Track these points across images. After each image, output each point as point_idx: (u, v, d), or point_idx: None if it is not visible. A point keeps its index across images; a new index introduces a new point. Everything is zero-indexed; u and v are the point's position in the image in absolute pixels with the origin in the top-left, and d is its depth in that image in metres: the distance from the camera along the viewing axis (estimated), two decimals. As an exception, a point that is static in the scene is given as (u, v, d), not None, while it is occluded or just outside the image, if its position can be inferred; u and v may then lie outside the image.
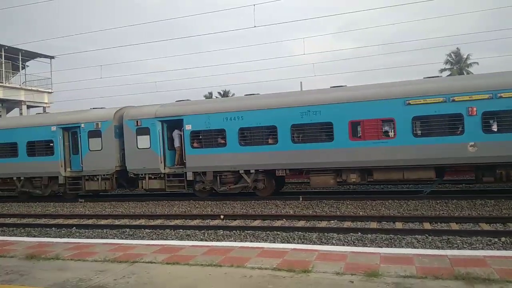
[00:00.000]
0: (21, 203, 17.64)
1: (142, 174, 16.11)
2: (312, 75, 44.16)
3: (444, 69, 51.61)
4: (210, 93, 57.74)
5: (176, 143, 16.15)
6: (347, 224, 10.55)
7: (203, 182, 15.47)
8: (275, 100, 14.47)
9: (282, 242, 8.89)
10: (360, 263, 5.62)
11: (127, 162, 16.13)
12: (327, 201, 13.58)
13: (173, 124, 16.09)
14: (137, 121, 15.99)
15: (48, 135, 17.20)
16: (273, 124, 14.11)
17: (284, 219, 11.44)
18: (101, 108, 18.08)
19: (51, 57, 35.09)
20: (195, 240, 9.42)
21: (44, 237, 10.52)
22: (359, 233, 9.29)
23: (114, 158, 16.28)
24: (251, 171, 14.61)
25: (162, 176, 15.89)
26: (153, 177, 15.98)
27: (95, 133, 16.60)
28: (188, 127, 15.28)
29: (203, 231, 10.48)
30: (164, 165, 15.88)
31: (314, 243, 8.61)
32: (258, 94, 16.05)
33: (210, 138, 15.13)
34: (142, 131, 15.89)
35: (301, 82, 32.07)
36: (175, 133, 16.18)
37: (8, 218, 14.27)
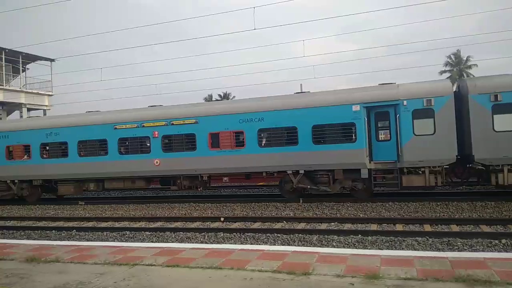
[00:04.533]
0: (21, 205, 17.61)
1: (498, 166, 12.39)
2: (312, 77, 44.24)
3: (444, 71, 51.77)
4: (210, 96, 57.89)
5: None
6: (347, 226, 10.55)
7: None
8: None
9: (283, 244, 8.89)
10: (360, 265, 5.61)
11: (476, 150, 12.36)
12: (327, 203, 13.58)
13: None
14: (495, 96, 12.24)
15: (347, 117, 13.44)
16: None
17: (284, 221, 11.44)
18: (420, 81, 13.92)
19: (51, 60, 35.17)
20: (196, 243, 9.42)
21: (44, 240, 10.48)
22: (360, 235, 9.28)
23: (453, 145, 12.57)
24: None
25: None
26: None
27: (424, 113, 12.86)
28: None
29: (203, 233, 10.47)
30: None
31: (315, 246, 8.60)
32: None
33: None
34: (505, 108, 12.19)
35: (301, 84, 32.26)
36: None
37: (8, 221, 14.25)
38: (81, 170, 16.62)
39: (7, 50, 31.99)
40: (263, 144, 14.47)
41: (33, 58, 34.85)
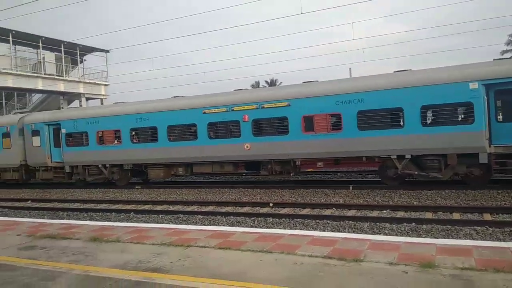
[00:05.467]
0: (82, 189, 18.83)
1: None
2: (362, 60, 42.92)
3: (506, 51, 48.13)
4: (257, 82, 57.99)
5: None
6: (400, 214, 10.26)
7: None
8: None
9: (332, 231, 8.84)
10: (414, 254, 5.47)
11: None
12: (378, 190, 13.26)
13: None
14: None
15: (463, 96, 12.01)
16: None
17: (333, 208, 11.34)
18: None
19: (106, 51, 36.88)
20: (246, 227, 9.60)
21: (105, 221, 11.11)
22: (413, 223, 9.00)
23: None
24: None
25: None
26: None
27: None
28: None
29: (253, 218, 10.66)
30: None
31: (366, 233, 8.47)
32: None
33: None
34: None
35: (350, 68, 31.26)
36: None
37: (72, 203, 15.32)
38: (170, 155, 16.64)
39: (65, 43, 33.94)
40: (362, 127, 13.32)
41: (90, 50, 36.72)
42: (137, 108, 17.80)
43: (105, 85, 38.34)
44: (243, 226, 9.73)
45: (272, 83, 57.52)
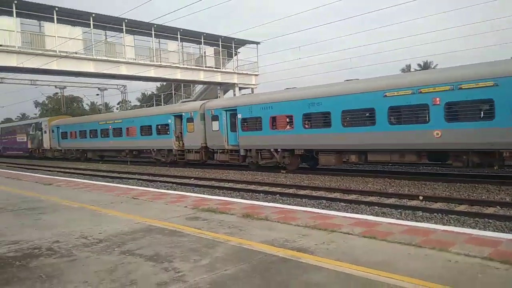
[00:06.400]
0: (236, 170, 20.65)
1: None
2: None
3: None
4: (408, 66, 54.04)
5: None
6: None
7: None
8: None
9: (495, 231, 7.82)
10: None
11: None
12: (559, 189, 11.14)
13: None
14: None
15: None
16: None
17: (497, 207, 10.00)
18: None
19: (257, 43, 39.21)
20: (391, 218, 9.21)
21: (254, 200, 11.86)
22: None
23: None
24: None
25: None
26: None
27: None
28: None
29: (399, 210, 10.16)
30: None
31: (539, 238, 7.24)
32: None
33: None
34: None
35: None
36: None
37: (227, 183, 16.98)
38: (344, 141, 16.09)
39: (223, 37, 37.29)
40: None
41: (243, 43, 39.59)
42: (309, 93, 17.63)
43: (255, 75, 40.95)
44: (388, 217, 9.37)
45: (425, 66, 52.89)
